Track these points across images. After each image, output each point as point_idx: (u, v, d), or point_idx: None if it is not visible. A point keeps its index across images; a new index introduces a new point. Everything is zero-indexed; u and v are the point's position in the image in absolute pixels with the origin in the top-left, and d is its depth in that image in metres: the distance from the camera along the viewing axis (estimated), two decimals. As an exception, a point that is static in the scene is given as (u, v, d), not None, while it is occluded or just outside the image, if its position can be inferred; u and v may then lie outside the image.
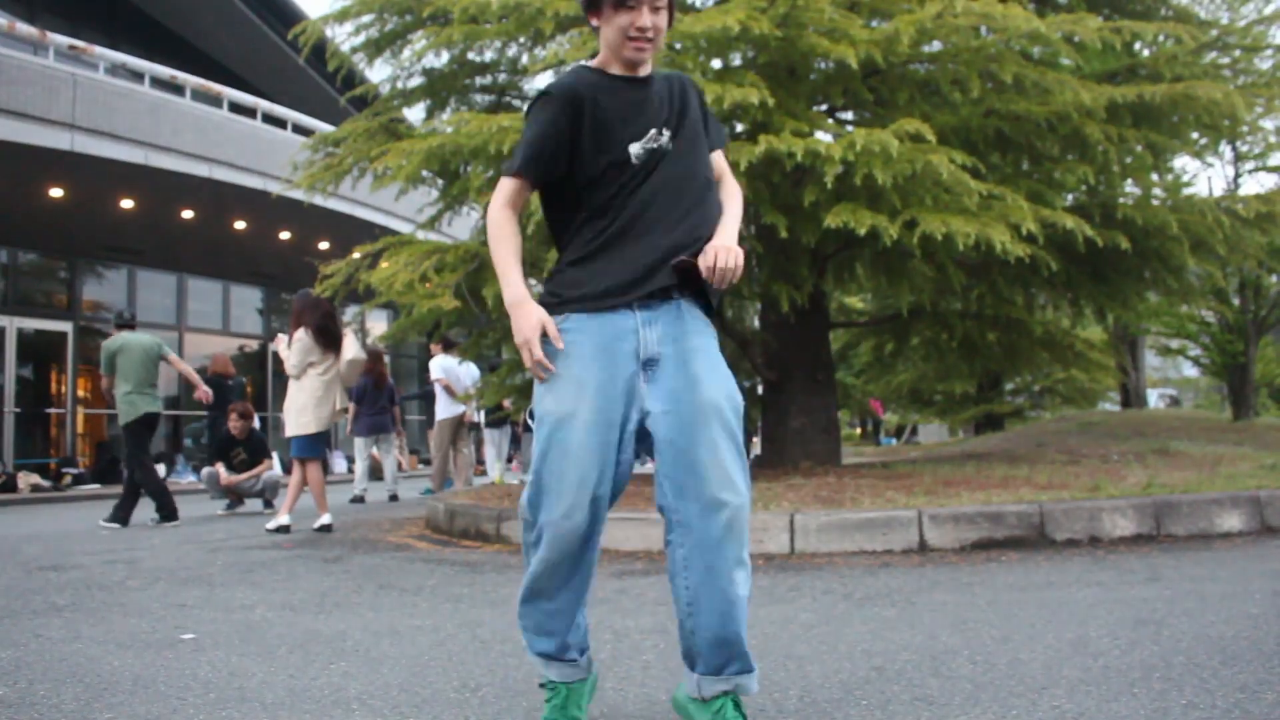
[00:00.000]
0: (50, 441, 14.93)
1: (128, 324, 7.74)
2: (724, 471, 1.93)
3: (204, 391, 7.83)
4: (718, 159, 2.24)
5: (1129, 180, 7.57)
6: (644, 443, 2.05)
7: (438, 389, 10.24)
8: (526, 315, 1.99)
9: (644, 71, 2.11)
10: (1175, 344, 15.54)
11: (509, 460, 13.81)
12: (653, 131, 2.06)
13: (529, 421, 2.23)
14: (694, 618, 1.97)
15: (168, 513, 7.42)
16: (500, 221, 2.09)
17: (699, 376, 1.99)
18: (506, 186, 2.10)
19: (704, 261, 1.98)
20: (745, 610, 1.96)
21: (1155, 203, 7.09)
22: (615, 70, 2.10)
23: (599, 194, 2.05)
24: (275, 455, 10.04)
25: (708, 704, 1.97)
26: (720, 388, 2.00)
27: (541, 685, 2.13)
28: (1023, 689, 2.25)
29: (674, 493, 1.97)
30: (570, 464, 1.95)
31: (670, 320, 2.03)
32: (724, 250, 1.98)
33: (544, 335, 1.98)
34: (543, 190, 2.13)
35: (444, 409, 10.27)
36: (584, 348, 1.99)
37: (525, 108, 2.22)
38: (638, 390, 2.00)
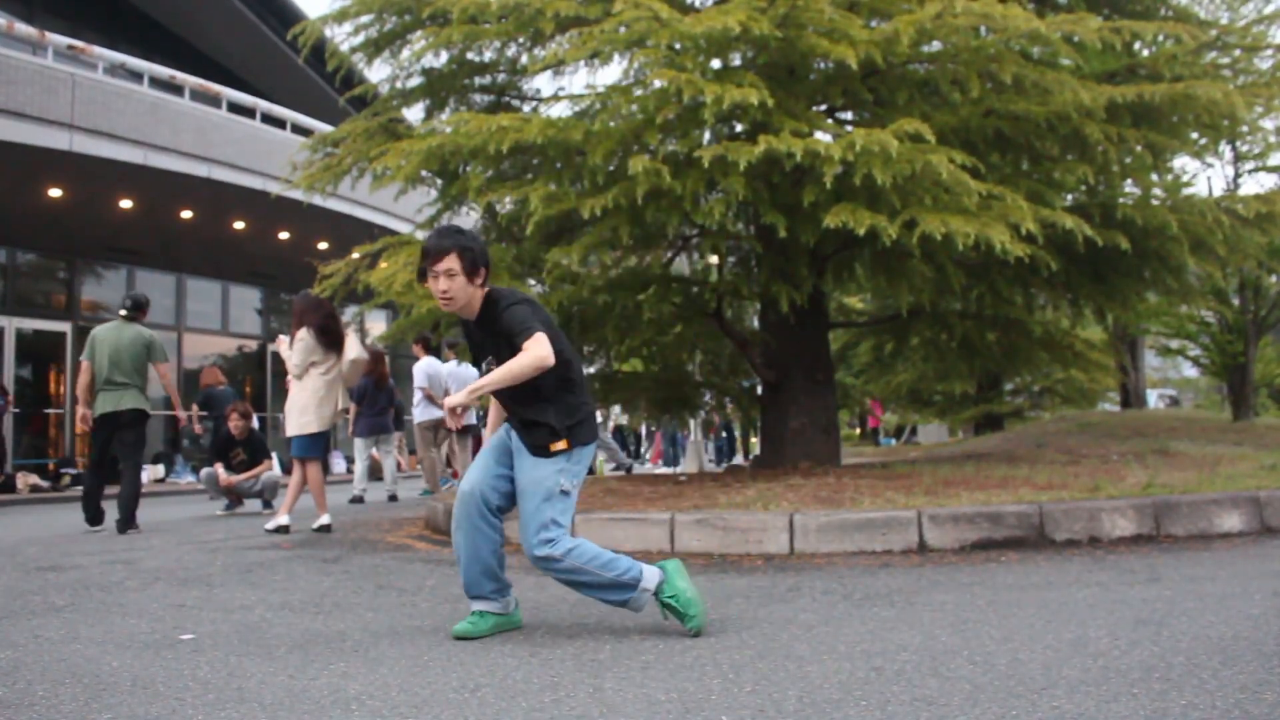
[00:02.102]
0: (49, 442, 14.92)
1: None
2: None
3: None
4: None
5: (1129, 180, 7.56)
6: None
7: (418, 395, 10.33)
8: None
9: (470, 313, 3.13)
10: (1175, 344, 15.51)
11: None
12: (490, 358, 3.13)
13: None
14: None
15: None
16: None
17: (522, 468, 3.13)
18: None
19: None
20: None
21: (1155, 203, 7.08)
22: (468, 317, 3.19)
23: None
24: (275, 455, 10.04)
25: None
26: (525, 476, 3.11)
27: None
28: (1022, 689, 2.25)
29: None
30: (477, 458, 3.23)
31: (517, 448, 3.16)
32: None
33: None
34: None
35: (421, 413, 10.33)
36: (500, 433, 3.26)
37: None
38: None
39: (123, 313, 7.35)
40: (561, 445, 3.06)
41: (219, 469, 8.65)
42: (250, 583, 4.31)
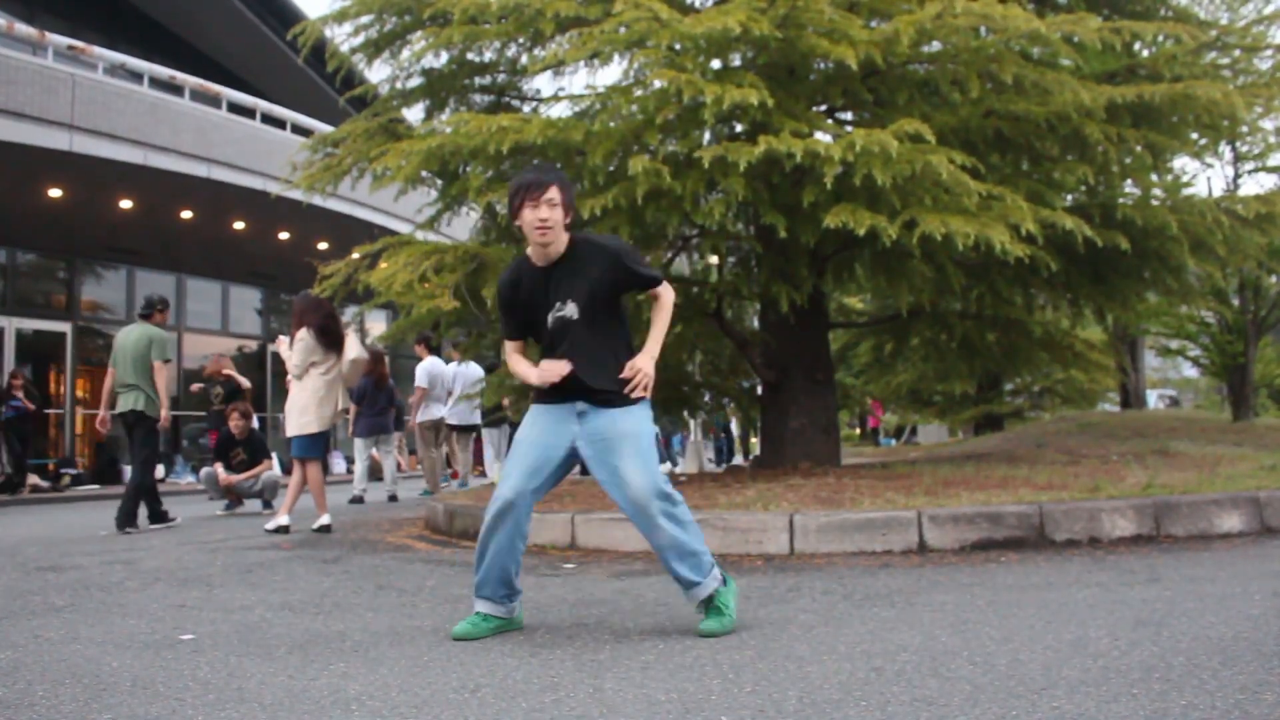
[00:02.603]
0: (49, 442, 14.91)
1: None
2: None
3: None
4: (655, 291, 3.16)
5: (1129, 180, 7.56)
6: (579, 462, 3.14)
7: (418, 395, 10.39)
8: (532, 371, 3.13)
9: (555, 253, 3.04)
10: (1175, 344, 15.50)
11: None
12: (557, 304, 3.04)
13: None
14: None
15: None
16: (514, 365, 3.26)
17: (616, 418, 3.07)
18: (509, 346, 3.28)
19: (627, 373, 3.04)
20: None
21: (1155, 203, 7.07)
22: (534, 261, 3.09)
23: (541, 342, 3.17)
24: (275, 455, 10.04)
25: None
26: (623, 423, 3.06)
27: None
28: (1022, 690, 2.25)
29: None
30: (516, 459, 3.08)
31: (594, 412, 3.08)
32: (637, 371, 3.03)
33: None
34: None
35: (421, 413, 10.37)
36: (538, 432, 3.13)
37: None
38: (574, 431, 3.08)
39: (140, 314, 7.51)
40: (645, 393, 3.07)
41: (219, 469, 8.65)
42: (250, 583, 4.31)
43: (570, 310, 3.04)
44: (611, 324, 3.13)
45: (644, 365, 3.03)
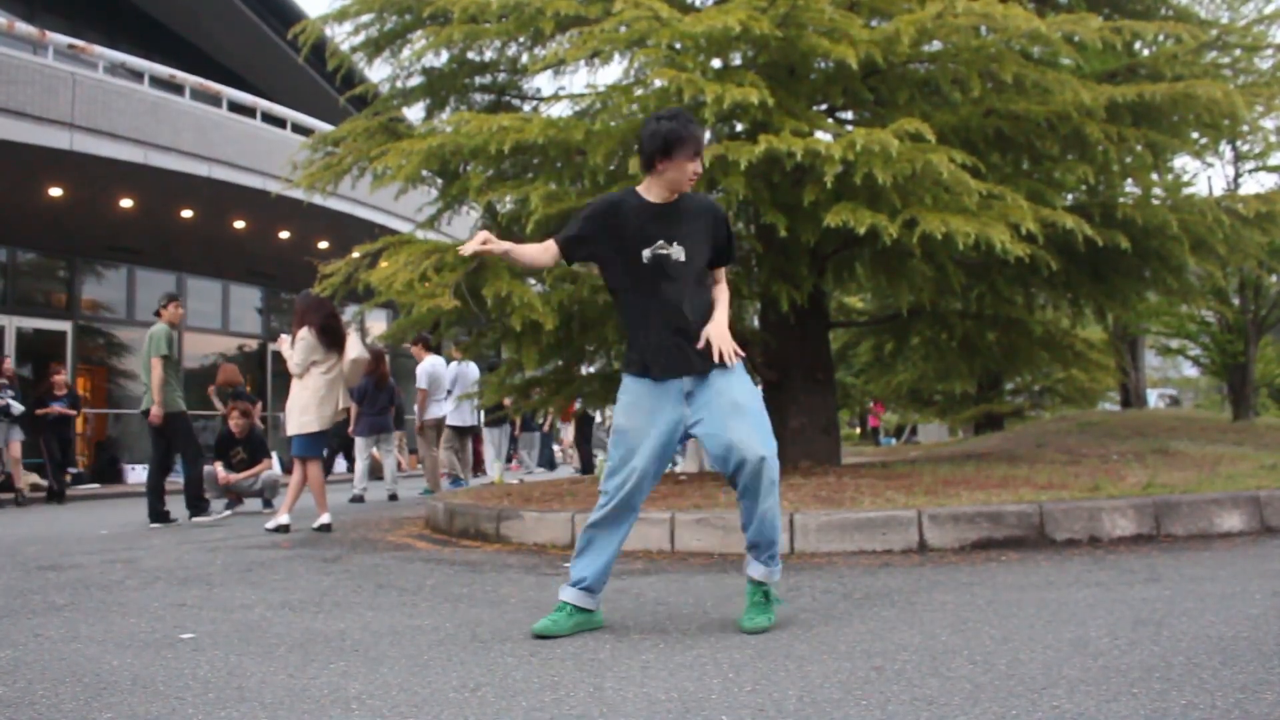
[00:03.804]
0: (50, 441, 14.88)
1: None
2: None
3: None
4: (719, 272, 3.22)
5: (1129, 180, 7.56)
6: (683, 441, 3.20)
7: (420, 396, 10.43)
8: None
9: (675, 197, 3.12)
10: (1175, 344, 15.52)
11: (508, 460, 13.81)
12: (661, 241, 3.07)
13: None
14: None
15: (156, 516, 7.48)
16: (521, 248, 3.28)
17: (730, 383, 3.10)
18: (550, 242, 3.24)
19: (701, 344, 3.04)
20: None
21: (1155, 202, 7.08)
22: (651, 198, 3.12)
23: (624, 287, 3.16)
24: (275, 455, 10.04)
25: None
26: (736, 388, 3.10)
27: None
28: (1022, 689, 2.25)
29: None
30: (622, 442, 3.17)
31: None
32: (715, 336, 3.03)
33: None
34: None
35: (425, 412, 10.38)
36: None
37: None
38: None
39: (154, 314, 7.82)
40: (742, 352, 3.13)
41: (218, 468, 8.65)
42: (250, 582, 4.31)
43: (677, 252, 3.10)
44: (706, 277, 3.21)
45: (719, 332, 3.05)
